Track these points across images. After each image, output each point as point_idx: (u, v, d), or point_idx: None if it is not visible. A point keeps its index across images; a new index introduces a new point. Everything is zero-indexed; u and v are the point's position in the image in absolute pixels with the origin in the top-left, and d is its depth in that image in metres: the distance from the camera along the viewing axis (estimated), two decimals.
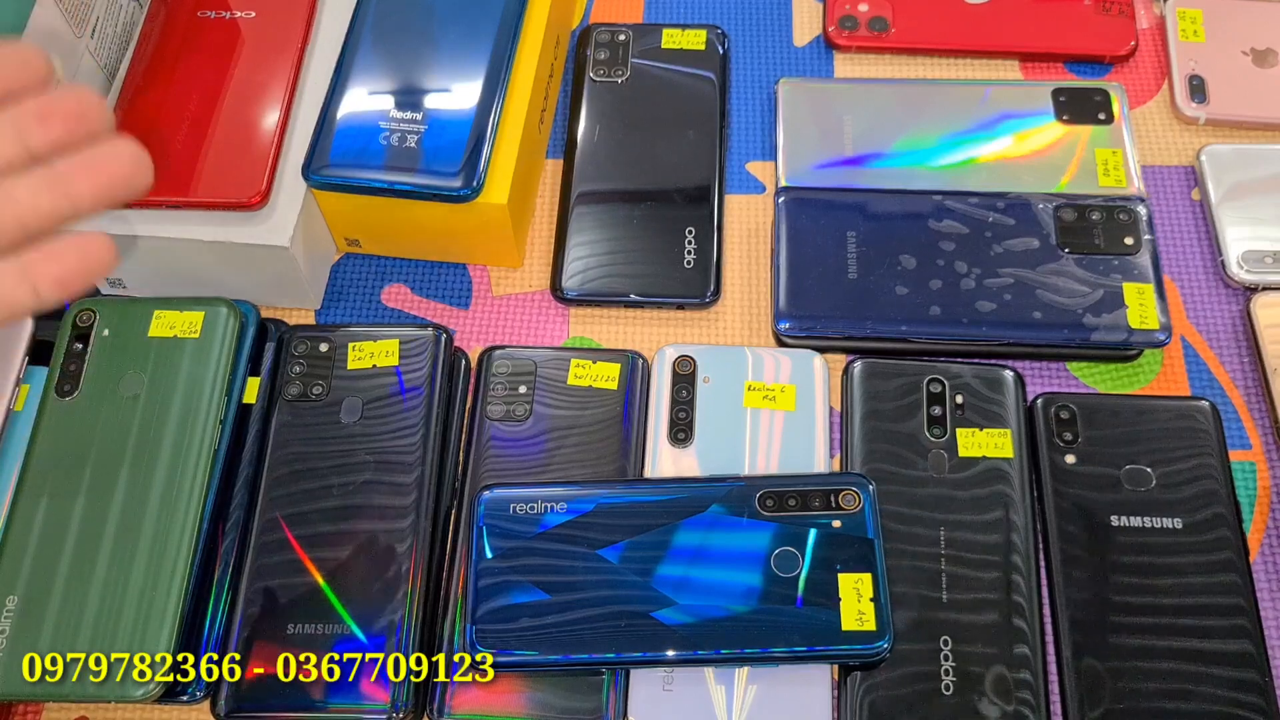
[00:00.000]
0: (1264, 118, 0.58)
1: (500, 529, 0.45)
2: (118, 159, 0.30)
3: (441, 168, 0.49)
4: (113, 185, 0.30)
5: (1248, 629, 0.44)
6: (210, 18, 0.54)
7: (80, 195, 0.29)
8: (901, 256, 0.53)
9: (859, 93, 0.59)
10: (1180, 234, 0.56)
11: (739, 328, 0.54)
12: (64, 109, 0.29)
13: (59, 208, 0.29)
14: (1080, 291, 0.51)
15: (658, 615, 0.43)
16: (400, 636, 0.44)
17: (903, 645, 0.44)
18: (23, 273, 0.29)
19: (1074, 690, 0.44)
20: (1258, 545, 0.48)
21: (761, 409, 0.49)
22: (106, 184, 0.30)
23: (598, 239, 0.54)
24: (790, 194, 0.55)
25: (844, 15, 0.62)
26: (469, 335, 0.54)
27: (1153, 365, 0.52)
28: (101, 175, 0.30)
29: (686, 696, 0.44)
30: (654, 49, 0.59)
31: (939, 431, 0.48)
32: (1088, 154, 0.56)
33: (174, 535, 0.45)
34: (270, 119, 0.51)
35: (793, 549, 0.44)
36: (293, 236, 0.49)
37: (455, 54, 0.52)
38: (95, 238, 0.30)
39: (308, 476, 0.47)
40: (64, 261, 0.29)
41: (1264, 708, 0.43)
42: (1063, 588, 0.45)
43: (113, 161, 0.30)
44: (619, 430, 0.49)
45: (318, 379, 0.49)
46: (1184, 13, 0.61)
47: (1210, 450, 0.48)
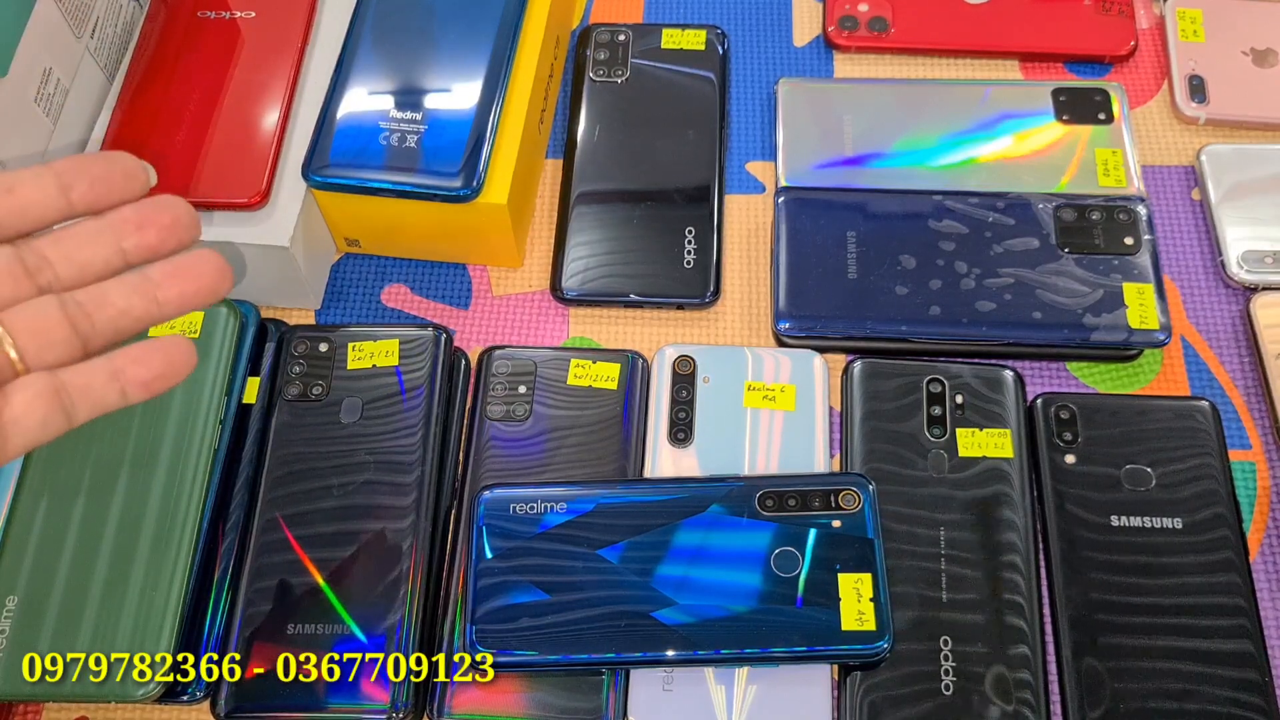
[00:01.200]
0: (1264, 118, 0.58)
1: (500, 529, 0.45)
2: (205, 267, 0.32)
3: (441, 168, 0.49)
4: (199, 293, 0.31)
5: (1248, 629, 0.44)
6: (210, 18, 0.54)
7: (168, 301, 0.31)
8: (901, 256, 0.53)
9: (859, 93, 0.59)
10: (1180, 234, 0.56)
11: (739, 328, 0.54)
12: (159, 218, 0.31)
13: (148, 311, 0.31)
14: (1080, 291, 0.51)
15: (658, 615, 0.43)
16: (400, 636, 0.44)
17: (903, 645, 0.44)
18: (114, 374, 0.30)
19: (1074, 690, 0.44)
20: (1258, 545, 0.48)
21: (761, 409, 0.49)
22: (193, 292, 0.31)
23: (598, 239, 0.54)
24: (790, 194, 0.55)
25: (844, 15, 0.62)
26: (469, 335, 0.54)
27: (1153, 365, 0.52)
28: (188, 283, 0.31)
29: (686, 696, 0.44)
30: (654, 49, 0.59)
31: (939, 431, 0.48)
32: (1088, 154, 0.56)
33: (174, 535, 0.45)
34: (270, 119, 0.51)
35: (793, 549, 0.44)
36: (293, 236, 0.49)
37: (455, 54, 0.53)
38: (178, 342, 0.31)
39: (308, 476, 0.47)
40: (151, 366, 0.30)
41: (1264, 708, 0.43)
42: (1063, 588, 0.45)
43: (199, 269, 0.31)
44: (619, 430, 0.49)
45: (318, 379, 0.49)
46: (1184, 13, 0.61)
47: (1210, 450, 0.48)
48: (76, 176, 0.30)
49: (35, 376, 0.29)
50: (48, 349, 0.29)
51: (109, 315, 0.30)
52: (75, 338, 0.30)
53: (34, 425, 0.29)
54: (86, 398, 0.30)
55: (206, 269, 0.32)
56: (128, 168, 0.31)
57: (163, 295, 0.31)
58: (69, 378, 0.30)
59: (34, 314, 0.30)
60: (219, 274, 0.32)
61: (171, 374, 0.31)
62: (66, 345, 0.30)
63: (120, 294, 0.31)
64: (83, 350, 0.30)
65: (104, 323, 0.30)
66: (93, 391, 0.30)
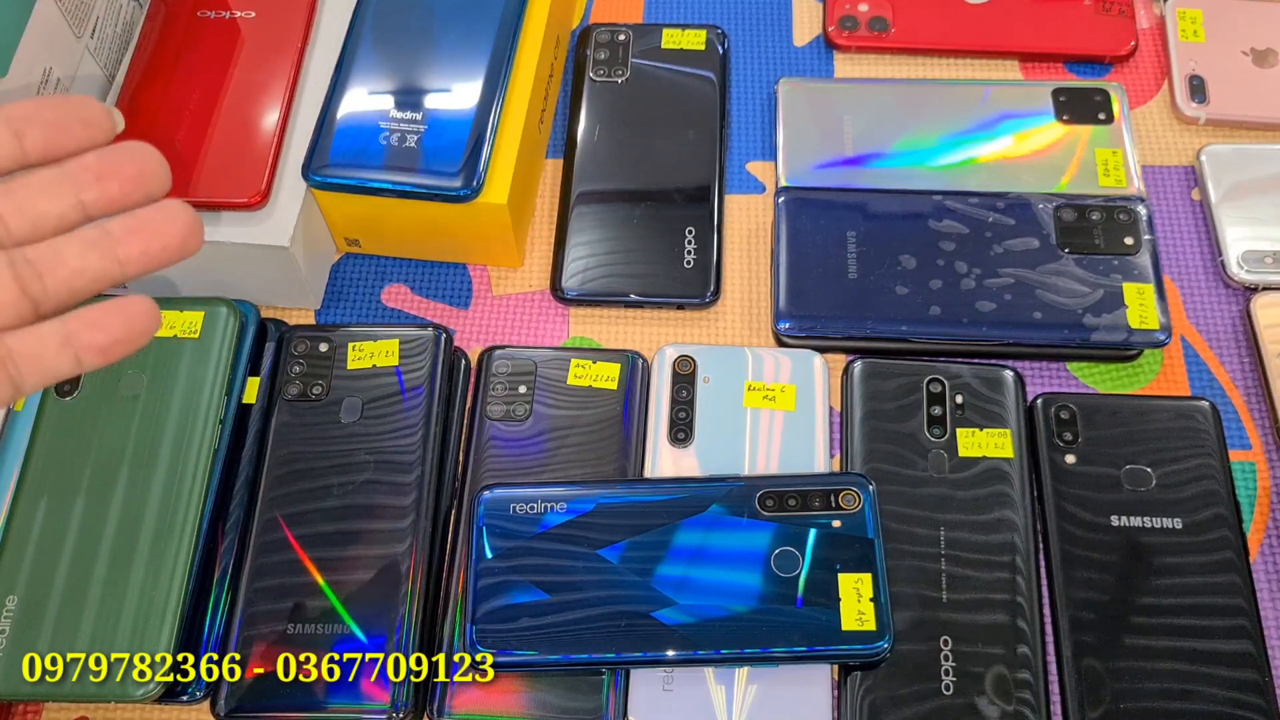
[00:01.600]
0: (1264, 118, 0.58)
1: (500, 529, 0.45)
2: (171, 222, 0.29)
3: (441, 168, 0.49)
4: (165, 250, 0.29)
5: (1248, 629, 0.44)
6: (210, 18, 0.54)
7: (129, 258, 0.28)
8: (901, 256, 0.53)
9: (859, 93, 0.59)
10: (1180, 234, 0.56)
11: (739, 328, 0.54)
12: (123, 168, 0.29)
13: (107, 270, 0.28)
14: (1080, 291, 0.51)
15: (658, 615, 0.43)
16: (400, 636, 0.44)
17: (903, 645, 0.44)
18: (66, 339, 0.28)
19: (1074, 690, 0.44)
20: (1258, 545, 0.48)
21: (761, 409, 0.49)
22: (158, 248, 0.29)
23: (598, 239, 0.54)
24: (790, 194, 0.55)
25: (844, 15, 0.62)
26: (469, 335, 0.54)
27: (1153, 365, 0.52)
28: (153, 239, 0.28)
29: (686, 696, 0.44)
30: (654, 49, 0.59)
31: (939, 431, 0.48)
32: (1088, 154, 0.56)
33: (174, 535, 0.45)
34: (270, 119, 0.51)
35: (793, 549, 0.44)
36: (293, 236, 0.49)
37: (455, 54, 0.53)
38: (139, 302, 0.28)
39: (308, 476, 0.47)
40: (108, 329, 0.28)
41: (1264, 707, 0.43)
42: (1063, 588, 0.45)
43: (165, 224, 0.29)
44: (619, 430, 0.49)
45: (317, 379, 0.49)
46: (1184, 13, 0.61)
47: (1210, 450, 0.48)
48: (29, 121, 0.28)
49: None
50: None
51: (63, 275, 0.28)
52: (25, 299, 0.28)
53: None
54: (35, 365, 0.27)
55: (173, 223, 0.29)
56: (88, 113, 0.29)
57: (124, 252, 0.28)
58: (15, 344, 0.27)
59: None
60: (187, 228, 0.29)
61: (130, 338, 0.28)
62: (14, 308, 0.27)
63: (76, 251, 0.28)
64: (34, 313, 0.28)
65: (57, 283, 0.28)
66: (43, 359, 0.28)
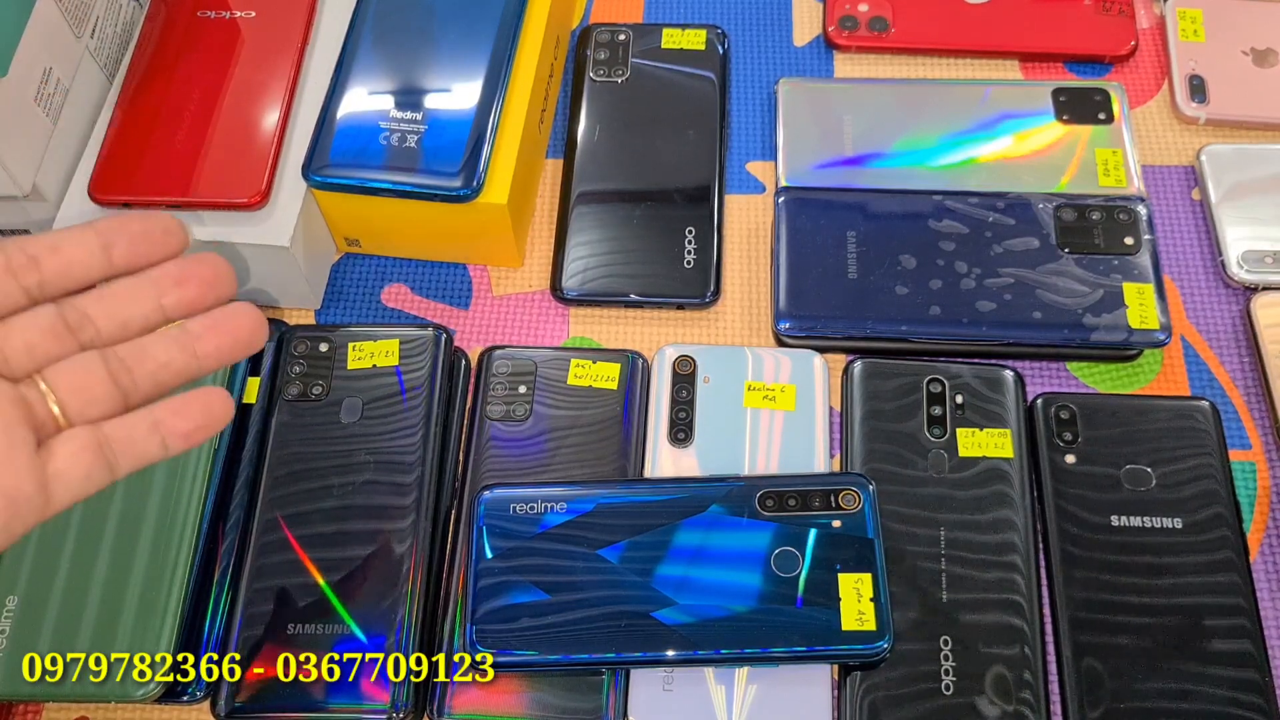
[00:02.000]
0: (1264, 118, 0.58)
1: (500, 529, 0.45)
2: (241, 321, 0.32)
3: (441, 168, 0.49)
4: (235, 345, 0.32)
5: (1248, 629, 0.44)
6: (210, 18, 0.54)
7: (206, 354, 0.32)
8: (901, 256, 0.53)
9: (859, 93, 0.59)
10: (1180, 234, 0.56)
11: (739, 328, 0.54)
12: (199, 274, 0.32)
13: (188, 366, 0.32)
14: (1080, 291, 0.51)
15: (658, 615, 0.43)
16: (400, 636, 0.44)
17: (903, 645, 0.44)
18: (154, 426, 0.31)
19: (1074, 690, 0.44)
20: (1258, 545, 0.48)
21: (761, 409, 0.49)
22: (230, 344, 0.32)
23: (598, 239, 0.54)
24: (790, 194, 0.55)
25: (844, 15, 0.62)
26: (469, 335, 0.54)
27: (1153, 365, 0.52)
28: (226, 336, 0.32)
29: (686, 696, 0.44)
30: (654, 49, 0.59)
31: (939, 431, 0.48)
32: (1088, 154, 0.56)
33: (174, 535, 0.45)
34: (270, 119, 0.51)
35: (793, 549, 0.44)
36: (293, 236, 0.49)
37: (455, 54, 0.53)
38: (215, 394, 0.32)
39: (308, 476, 0.47)
40: (191, 417, 0.31)
41: (1264, 707, 0.43)
42: (1063, 588, 0.45)
43: (236, 323, 0.32)
44: (619, 430, 0.49)
45: (318, 379, 0.49)
46: (1184, 13, 0.61)
47: (1210, 450, 0.48)
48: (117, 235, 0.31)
49: (78, 431, 0.30)
50: (90, 404, 0.30)
51: (149, 369, 0.31)
52: (116, 392, 0.31)
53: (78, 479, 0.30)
54: (129, 450, 0.30)
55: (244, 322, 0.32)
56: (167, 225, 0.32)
57: (201, 349, 0.32)
58: (111, 431, 0.30)
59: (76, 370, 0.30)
60: (256, 326, 0.33)
61: (210, 424, 0.32)
62: (108, 400, 0.30)
63: (160, 348, 0.31)
64: (124, 404, 0.31)
65: (144, 376, 0.31)
66: (135, 444, 0.31)
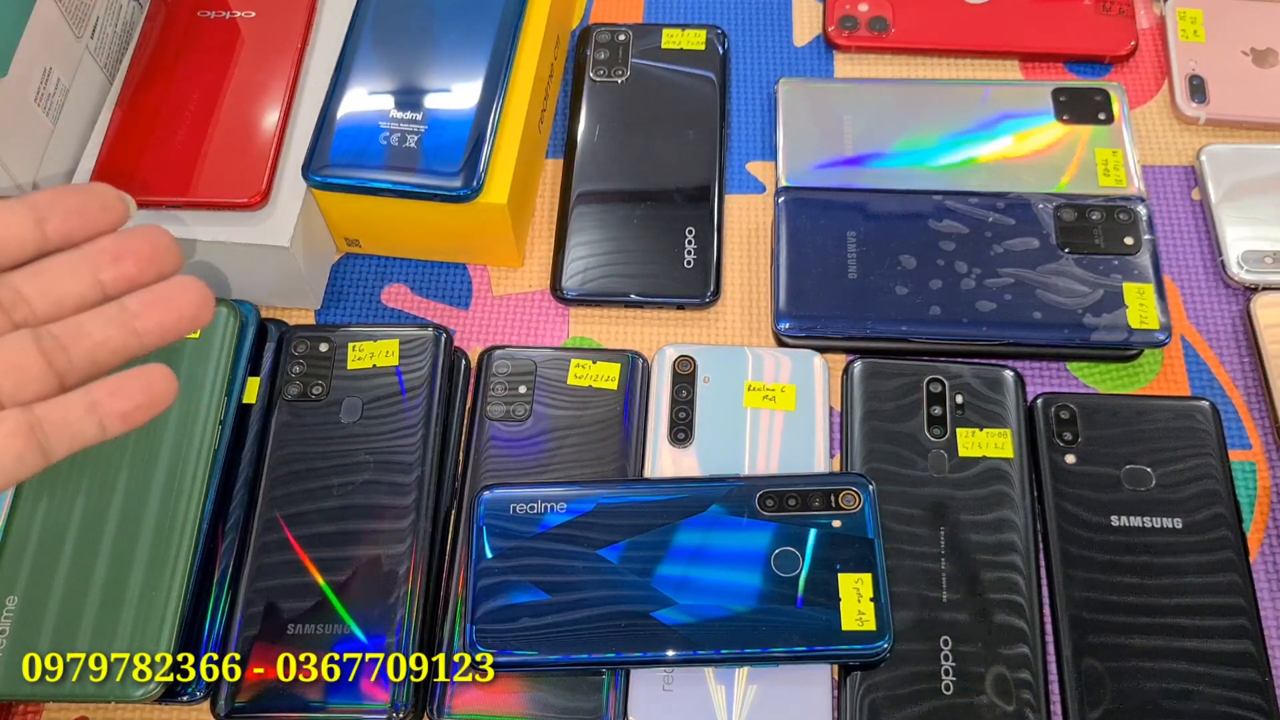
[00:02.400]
0: (1264, 118, 0.58)
1: (500, 529, 0.45)
2: (184, 296, 0.31)
3: (441, 168, 0.49)
4: (179, 321, 0.31)
5: (1248, 629, 0.44)
6: (210, 18, 0.54)
7: (146, 331, 0.31)
8: (901, 256, 0.53)
9: (859, 93, 0.59)
10: (1180, 234, 0.56)
11: (739, 328, 0.54)
12: (138, 249, 0.31)
13: (127, 344, 0.30)
14: (1080, 291, 0.51)
15: (658, 615, 0.43)
16: (400, 636, 0.44)
17: (903, 645, 0.44)
18: (91, 406, 0.30)
19: (1074, 690, 0.44)
20: (1258, 545, 0.48)
21: (761, 409, 0.49)
22: (174, 320, 0.31)
23: (598, 239, 0.54)
24: (790, 194, 0.55)
25: (844, 15, 0.62)
26: (469, 335, 0.54)
27: (1153, 365, 0.52)
28: (168, 313, 0.31)
29: (686, 696, 0.44)
30: (654, 49, 0.59)
31: (939, 431, 0.48)
32: (1088, 154, 0.56)
33: (174, 535, 0.45)
34: (270, 119, 0.51)
35: (793, 549, 0.44)
36: (293, 236, 0.49)
37: (455, 54, 0.53)
38: (156, 371, 0.31)
39: (308, 476, 0.47)
40: (130, 397, 0.30)
41: (1264, 707, 0.43)
42: (1063, 588, 0.45)
43: (178, 298, 0.31)
44: (619, 430, 0.49)
45: (318, 379, 0.49)
46: (1184, 13, 0.61)
47: (1210, 450, 0.48)
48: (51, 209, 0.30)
49: (9, 413, 0.29)
50: (23, 385, 0.29)
51: (85, 348, 0.30)
52: (51, 373, 0.29)
53: (9, 462, 0.29)
54: (64, 432, 0.29)
55: (187, 297, 0.31)
56: (105, 199, 0.31)
57: (141, 325, 0.31)
58: (44, 413, 0.29)
59: (7, 349, 0.29)
60: (200, 302, 0.31)
61: (151, 404, 0.30)
62: (42, 380, 0.29)
63: (97, 326, 0.30)
64: (59, 385, 0.30)
65: (80, 356, 0.30)
66: (69, 426, 0.29)
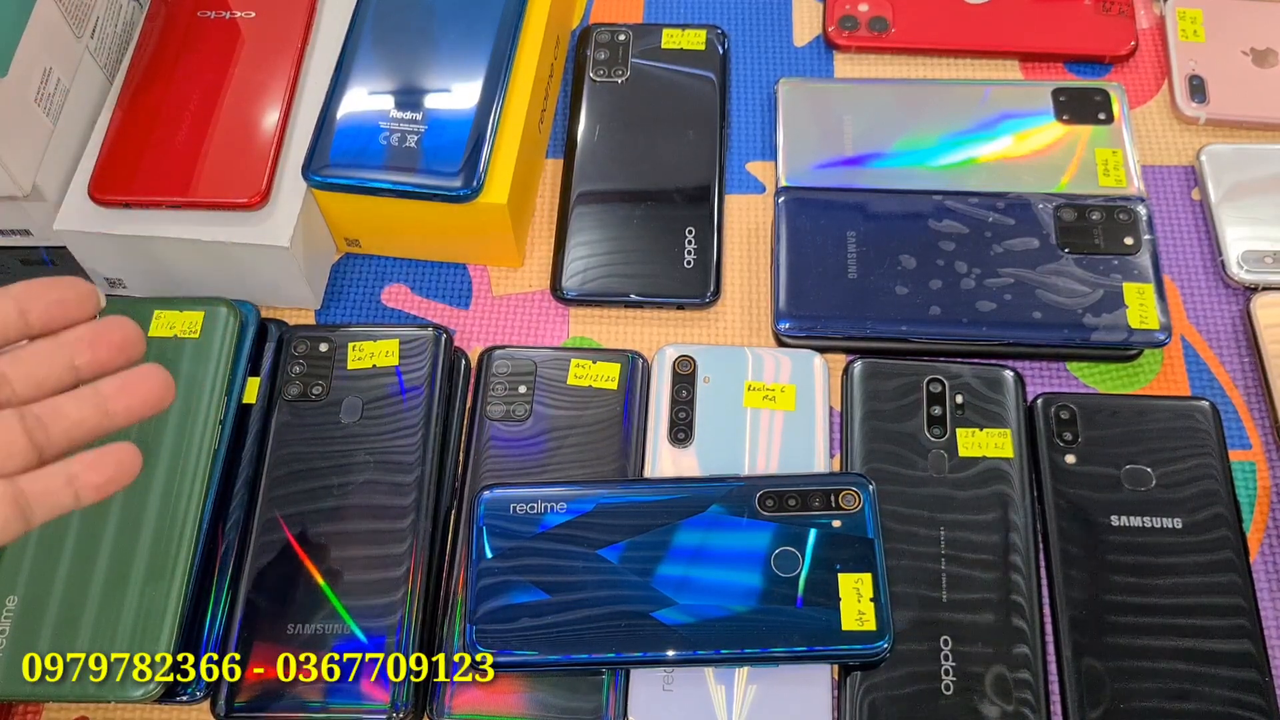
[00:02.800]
0: (1264, 118, 0.58)
1: (500, 529, 0.45)
2: (149, 383, 0.35)
3: (441, 168, 0.49)
4: (145, 404, 0.34)
5: (1248, 629, 0.44)
6: (210, 18, 0.54)
7: (116, 412, 0.34)
8: (901, 256, 0.53)
9: (859, 93, 0.59)
10: (1180, 234, 0.56)
11: (739, 328, 0.54)
12: (109, 338, 0.34)
13: (100, 423, 0.34)
14: (1080, 291, 0.51)
15: (658, 615, 0.43)
16: (400, 636, 0.44)
17: (903, 645, 0.44)
18: (69, 480, 0.33)
19: (1074, 690, 0.44)
20: (1258, 545, 0.48)
21: (761, 409, 0.49)
22: (140, 404, 0.34)
23: (598, 239, 0.54)
24: (790, 194, 0.55)
25: (844, 15, 0.62)
26: (469, 335, 0.54)
27: (1153, 365, 0.52)
28: (136, 396, 0.34)
29: (686, 696, 0.44)
30: (654, 49, 0.59)
31: (939, 431, 0.48)
32: (1088, 154, 0.56)
33: (174, 535, 0.45)
34: (270, 119, 0.51)
35: (793, 549, 0.44)
36: (293, 236, 0.49)
37: (455, 54, 0.53)
38: (126, 449, 0.34)
39: (307, 476, 0.47)
40: (103, 470, 0.33)
41: (1264, 707, 0.43)
42: (1063, 588, 0.45)
43: (145, 384, 0.34)
44: (619, 430, 0.49)
45: (318, 379, 0.49)
46: (1184, 13, 0.61)
47: (1210, 450, 0.48)
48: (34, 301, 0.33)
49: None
50: (7, 459, 0.32)
51: (64, 427, 0.33)
52: (32, 448, 0.33)
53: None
54: (43, 502, 0.32)
55: (152, 384, 0.34)
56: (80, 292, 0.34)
57: (113, 408, 0.34)
58: (27, 484, 0.32)
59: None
60: (163, 388, 0.35)
61: (121, 477, 0.34)
62: (24, 455, 0.32)
63: (74, 407, 0.33)
64: (39, 459, 0.33)
65: (59, 434, 0.33)
66: (49, 496, 0.33)
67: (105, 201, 0.49)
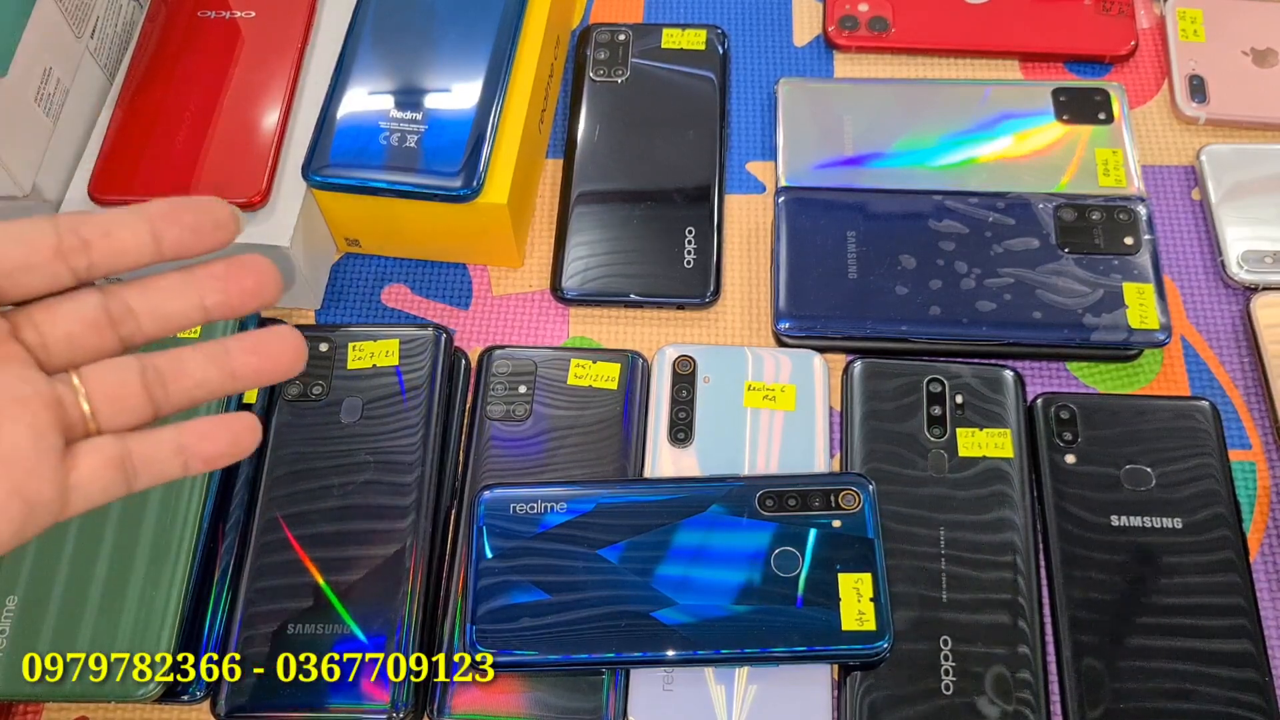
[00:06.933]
0: (1264, 118, 0.58)
1: (500, 529, 0.45)
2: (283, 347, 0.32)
3: (441, 168, 0.49)
4: (275, 369, 0.32)
5: (1248, 629, 0.44)
6: (210, 18, 0.54)
7: (242, 375, 0.31)
8: (901, 256, 0.53)
9: (859, 93, 0.59)
10: (1180, 234, 0.56)
11: (739, 328, 0.54)
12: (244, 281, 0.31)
13: (223, 384, 0.31)
14: (1080, 291, 0.51)
15: (658, 615, 0.43)
16: (400, 636, 0.44)
17: (903, 645, 0.44)
18: (179, 448, 0.30)
19: (1074, 690, 0.44)
20: (1258, 545, 0.48)
21: (761, 409, 0.49)
22: (270, 368, 0.31)
23: (598, 239, 0.54)
24: (790, 194, 0.55)
25: (844, 15, 0.62)
26: (469, 335, 0.54)
27: (1153, 365, 0.52)
28: (265, 360, 0.31)
29: (686, 696, 0.44)
30: (654, 49, 0.59)
31: (939, 431, 0.48)
32: (1088, 154, 0.56)
33: (174, 535, 0.45)
34: (270, 119, 0.51)
35: (792, 549, 0.44)
36: (293, 236, 0.49)
37: (455, 54, 0.53)
38: (244, 420, 0.31)
39: (308, 476, 0.47)
40: (216, 441, 0.31)
41: (1264, 708, 0.43)
42: (1063, 588, 0.45)
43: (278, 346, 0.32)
44: (619, 430, 0.49)
45: (318, 379, 0.49)
46: (1184, 13, 0.61)
47: (1210, 450, 0.48)
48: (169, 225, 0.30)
49: (104, 442, 0.29)
50: (121, 413, 0.30)
51: (185, 386, 0.31)
52: (149, 403, 0.30)
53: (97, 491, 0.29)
54: (149, 468, 0.30)
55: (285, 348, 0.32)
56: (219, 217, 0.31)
57: (238, 369, 0.31)
58: (136, 446, 0.30)
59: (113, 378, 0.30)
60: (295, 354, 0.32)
61: (235, 452, 0.31)
62: (140, 410, 0.30)
63: (197, 365, 0.31)
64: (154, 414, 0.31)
65: (178, 392, 0.31)
66: (156, 463, 0.30)
67: (105, 201, 0.49)
